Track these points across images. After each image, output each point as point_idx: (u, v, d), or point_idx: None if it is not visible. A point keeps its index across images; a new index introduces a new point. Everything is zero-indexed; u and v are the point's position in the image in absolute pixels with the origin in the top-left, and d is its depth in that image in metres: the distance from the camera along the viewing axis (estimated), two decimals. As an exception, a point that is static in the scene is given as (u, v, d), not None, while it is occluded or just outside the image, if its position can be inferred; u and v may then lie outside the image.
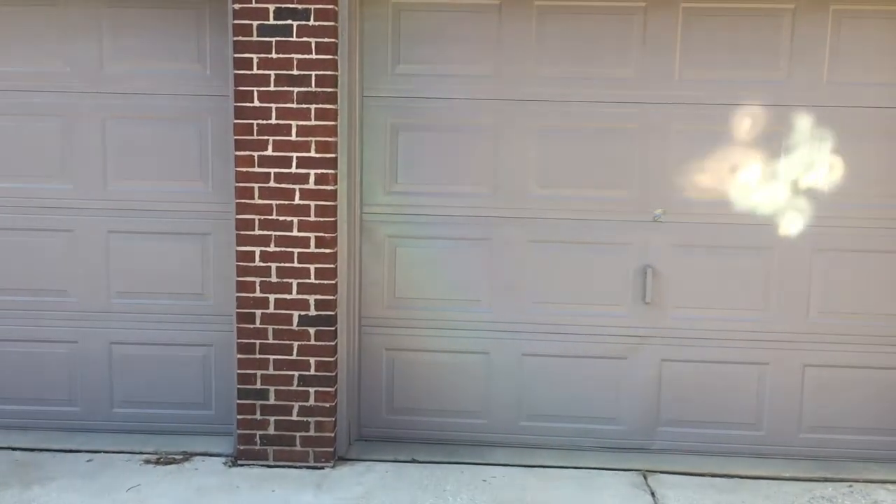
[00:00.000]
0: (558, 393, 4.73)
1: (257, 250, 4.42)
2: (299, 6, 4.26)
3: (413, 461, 4.59)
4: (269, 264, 4.43)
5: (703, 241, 4.59)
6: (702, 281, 4.61)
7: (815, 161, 4.52)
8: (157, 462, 4.52)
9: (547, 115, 4.57)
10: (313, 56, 4.29)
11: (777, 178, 4.54)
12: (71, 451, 4.62)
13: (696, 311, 4.63)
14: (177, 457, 4.57)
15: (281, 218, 4.40)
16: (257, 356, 4.47)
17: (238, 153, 4.38)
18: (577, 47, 4.52)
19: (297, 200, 4.38)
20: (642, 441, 4.74)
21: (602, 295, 4.65)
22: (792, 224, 4.56)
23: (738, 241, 4.58)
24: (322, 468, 4.49)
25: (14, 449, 4.61)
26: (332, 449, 4.52)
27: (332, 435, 4.52)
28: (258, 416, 4.50)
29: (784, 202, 4.55)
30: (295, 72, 4.30)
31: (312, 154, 4.35)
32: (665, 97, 4.52)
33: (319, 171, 4.36)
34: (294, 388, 4.48)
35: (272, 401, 4.49)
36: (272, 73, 4.31)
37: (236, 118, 4.36)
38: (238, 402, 4.51)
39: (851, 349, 4.61)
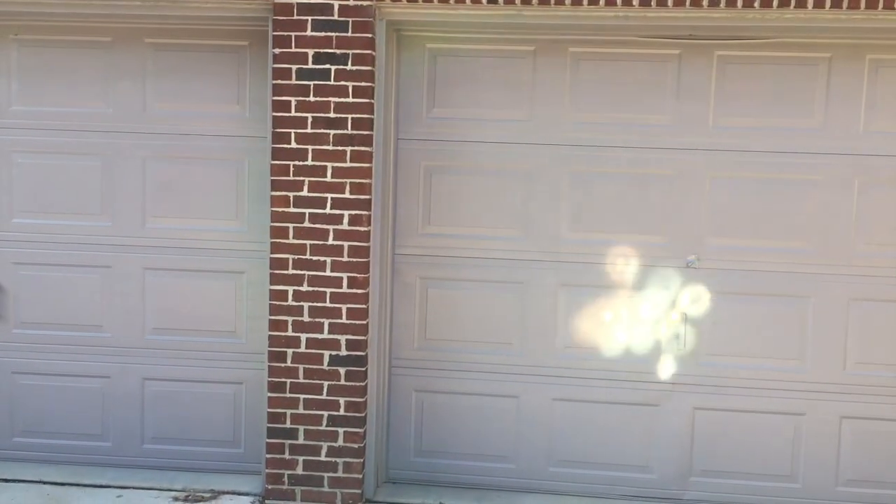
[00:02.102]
0: (589, 439, 4.67)
1: (290, 289, 4.46)
2: (338, 51, 4.34)
3: (441, 505, 4.55)
4: (301, 304, 4.46)
5: (737, 289, 4.55)
6: (736, 329, 4.56)
7: (852, 211, 4.48)
8: (186, 500, 4.52)
9: (580, 160, 4.59)
10: (350, 100, 4.36)
11: (812, 226, 4.50)
12: (101, 486, 4.64)
13: (729, 359, 4.57)
14: (205, 495, 4.57)
15: (314, 258, 4.44)
16: (287, 395, 4.48)
17: (274, 193, 4.44)
18: (612, 93, 4.55)
19: (330, 241, 4.43)
20: (674, 491, 4.65)
21: (634, 341, 4.61)
22: (828, 273, 4.50)
23: (773, 288, 4.53)
24: (349, 510, 4.47)
25: (45, 483, 4.65)
26: (359, 491, 4.50)
27: (361, 476, 4.50)
28: (287, 456, 4.50)
29: (819, 250, 4.50)
30: (332, 115, 4.38)
31: (347, 195, 4.41)
32: (699, 144, 4.52)
33: (353, 212, 4.41)
34: (323, 428, 4.48)
35: (301, 440, 4.49)
36: (309, 115, 4.39)
37: (273, 159, 4.43)
38: (267, 440, 4.52)
39: (891, 401, 4.51)
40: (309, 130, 4.39)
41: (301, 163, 4.41)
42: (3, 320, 4.86)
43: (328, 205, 4.42)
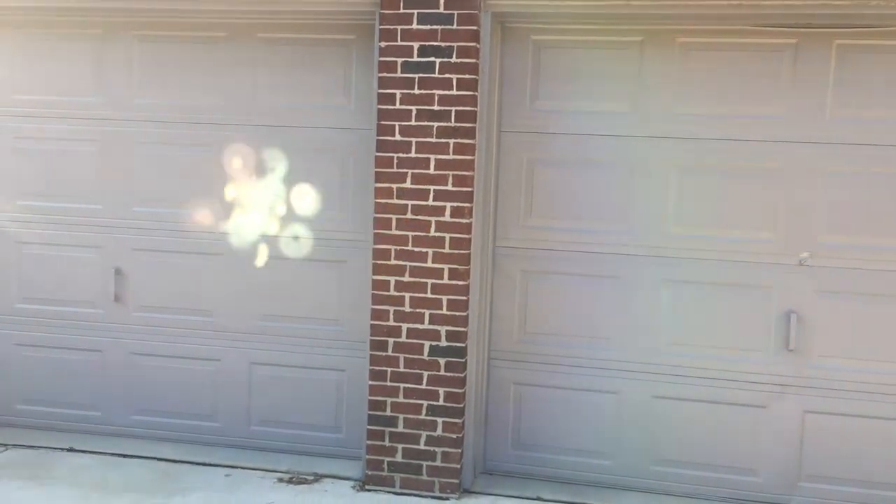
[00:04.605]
0: (691, 439, 4.56)
1: (392, 280, 4.52)
2: (442, 44, 4.37)
3: (538, 499, 4.53)
4: (402, 294, 4.52)
5: (853, 288, 4.35)
6: (851, 330, 4.36)
7: (983, 206, 4.22)
8: (290, 481, 4.67)
9: (687, 154, 4.48)
10: (454, 92, 4.38)
11: (938, 223, 4.26)
12: (211, 464, 4.84)
13: (844, 362, 4.38)
14: (308, 477, 4.71)
15: (416, 249, 4.49)
16: (388, 383, 4.56)
17: (378, 185, 4.51)
18: (722, 85, 4.41)
19: (432, 232, 4.47)
20: (781, 496, 4.50)
21: (741, 340, 4.48)
22: (955, 273, 4.26)
23: (893, 289, 4.31)
24: (447, 499, 4.51)
25: (161, 459, 4.88)
26: (457, 480, 4.53)
27: (458, 466, 4.54)
28: (386, 443, 4.58)
29: (946, 249, 4.26)
30: (435, 107, 4.41)
31: (449, 187, 4.43)
32: (815, 137, 4.34)
33: (455, 204, 4.43)
34: (422, 417, 4.53)
35: (401, 428, 4.56)
36: (414, 108, 4.43)
37: (378, 151, 4.50)
38: (368, 427, 4.61)
39: None
40: (413, 123, 4.44)
41: (405, 155, 4.46)
42: (123, 303, 5.12)
43: (431, 196, 4.46)
